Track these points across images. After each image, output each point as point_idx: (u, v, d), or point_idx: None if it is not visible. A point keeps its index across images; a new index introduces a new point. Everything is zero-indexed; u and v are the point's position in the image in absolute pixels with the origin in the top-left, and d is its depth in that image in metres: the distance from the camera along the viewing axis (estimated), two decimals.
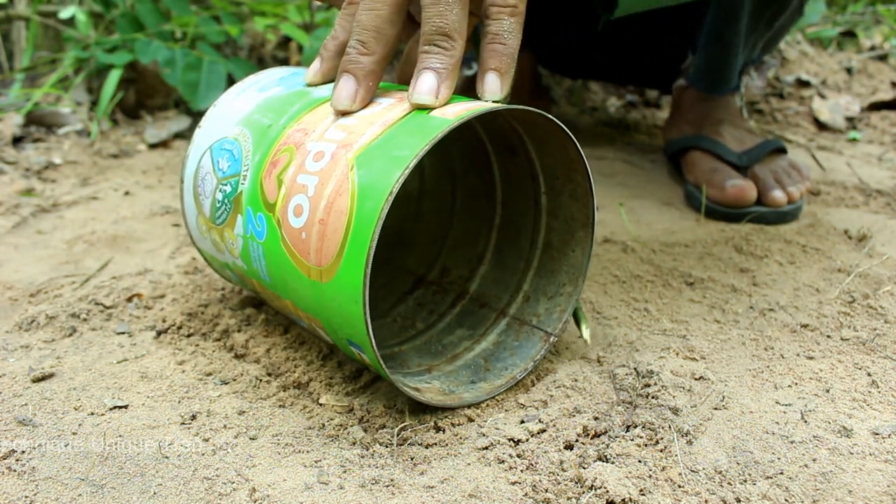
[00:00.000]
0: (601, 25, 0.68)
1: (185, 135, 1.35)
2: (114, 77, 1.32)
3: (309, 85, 0.59)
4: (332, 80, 0.57)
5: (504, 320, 0.64)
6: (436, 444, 0.51)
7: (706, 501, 0.45)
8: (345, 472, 0.48)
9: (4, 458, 0.49)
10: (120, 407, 0.55)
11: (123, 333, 0.66)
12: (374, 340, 0.48)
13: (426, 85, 0.51)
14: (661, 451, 0.49)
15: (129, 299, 0.71)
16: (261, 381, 0.59)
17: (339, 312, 0.49)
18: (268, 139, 0.55)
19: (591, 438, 0.51)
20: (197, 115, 1.39)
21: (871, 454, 0.49)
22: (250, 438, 0.51)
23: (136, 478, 0.47)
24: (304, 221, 0.50)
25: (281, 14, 1.48)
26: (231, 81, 1.32)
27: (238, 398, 0.56)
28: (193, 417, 0.54)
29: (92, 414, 0.54)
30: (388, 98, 0.54)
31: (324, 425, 0.53)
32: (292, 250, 0.51)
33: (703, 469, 0.48)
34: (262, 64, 1.57)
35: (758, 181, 0.95)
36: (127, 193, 1.04)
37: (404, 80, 0.59)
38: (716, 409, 0.54)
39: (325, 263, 0.48)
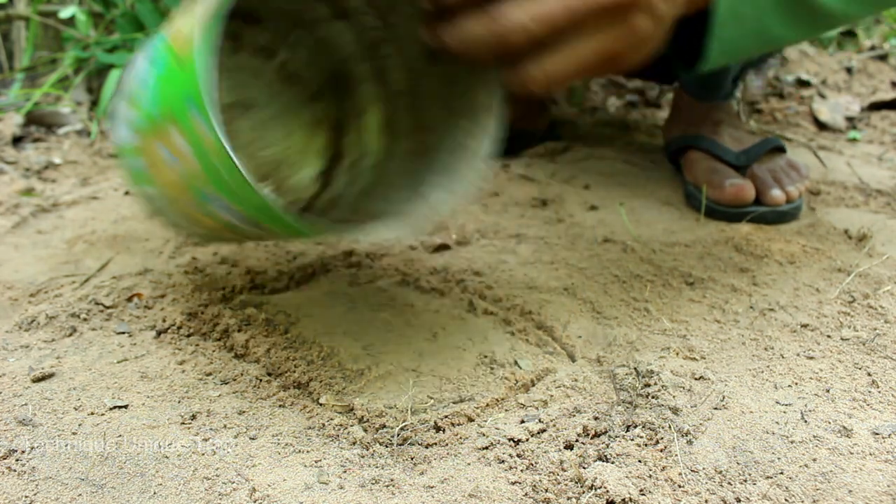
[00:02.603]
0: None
1: None
2: (114, 77, 1.32)
3: None
4: None
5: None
6: (436, 443, 0.51)
7: (706, 501, 0.45)
8: (345, 471, 0.48)
9: (4, 458, 0.49)
10: (120, 407, 0.55)
11: (123, 333, 0.66)
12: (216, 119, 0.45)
13: None
14: (661, 450, 0.49)
15: (130, 299, 0.71)
16: (261, 381, 0.59)
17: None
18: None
19: (591, 438, 0.51)
20: None
21: (871, 454, 0.49)
22: (250, 438, 0.51)
23: (136, 478, 0.47)
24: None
25: None
26: None
27: (238, 398, 0.56)
28: (193, 417, 0.54)
29: (92, 414, 0.54)
30: None
31: (324, 425, 0.53)
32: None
33: (703, 469, 0.48)
34: None
35: (756, 180, 0.95)
36: (127, 193, 1.04)
37: None
38: (716, 408, 0.54)
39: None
